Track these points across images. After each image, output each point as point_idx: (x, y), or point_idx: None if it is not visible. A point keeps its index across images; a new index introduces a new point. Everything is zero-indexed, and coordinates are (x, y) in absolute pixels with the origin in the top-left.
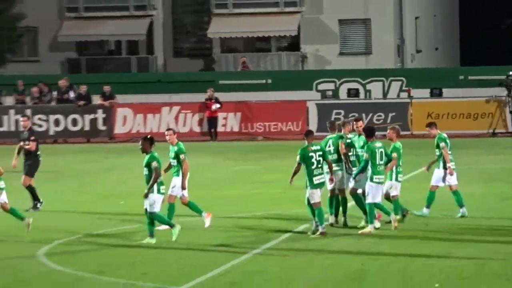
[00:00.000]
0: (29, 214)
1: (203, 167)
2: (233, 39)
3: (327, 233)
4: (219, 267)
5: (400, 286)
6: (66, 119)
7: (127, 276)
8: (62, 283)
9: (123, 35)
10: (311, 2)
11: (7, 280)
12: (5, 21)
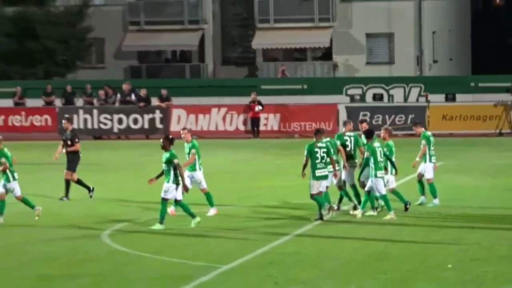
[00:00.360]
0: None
1: (246, 161)
2: (274, 50)
3: (323, 220)
4: (259, 249)
5: (418, 266)
6: (128, 118)
7: (179, 256)
8: (124, 262)
9: (178, 45)
10: (342, 17)
11: (78, 258)
12: (76, 33)
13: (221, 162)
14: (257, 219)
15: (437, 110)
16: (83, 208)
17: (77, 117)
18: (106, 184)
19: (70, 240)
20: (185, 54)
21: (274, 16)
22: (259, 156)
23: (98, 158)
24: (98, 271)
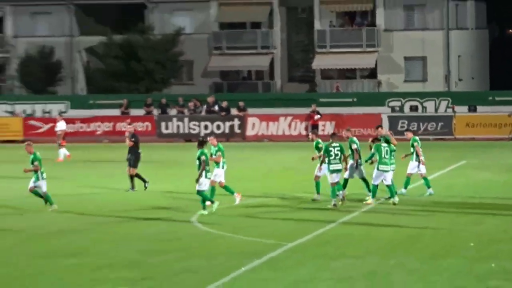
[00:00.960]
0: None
1: (307, 159)
2: (329, 70)
3: (338, 206)
4: (317, 231)
5: (445, 245)
6: (212, 124)
7: (252, 235)
8: (207, 239)
9: (252, 66)
10: (385, 44)
11: (170, 236)
12: (171, 56)
13: (287, 160)
14: (315, 206)
15: (461, 119)
16: (170, 198)
17: (171, 123)
18: (192, 176)
19: (163, 223)
20: (258, 73)
21: (330, 42)
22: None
23: (188, 157)
24: (187, 247)
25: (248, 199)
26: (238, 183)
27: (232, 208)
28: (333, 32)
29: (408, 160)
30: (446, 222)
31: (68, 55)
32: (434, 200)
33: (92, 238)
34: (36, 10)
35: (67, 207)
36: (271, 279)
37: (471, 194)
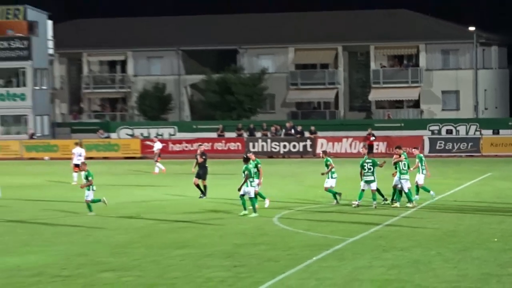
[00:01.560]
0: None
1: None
2: (382, 101)
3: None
4: (373, 228)
5: (475, 239)
6: (289, 144)
7: (322, 232)
8: (286, 235)
9: (321, 98)
10: (426, 80)
11: (257, 233)
12: (257, 90)
13: (349, 173)
14: (371, 208)
15: (487, 140)
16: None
17: (257, 143)
18: (274, 185)
19: (251, 221)
20: (326, 104)
21: (383, 79)
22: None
23: (270, 170)
24: (270, 241)
25: (319, 203)
26: (311, 190)
27: (306, 211)
28: (385, 71)
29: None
30: (475, 221)
31: (176, 90)
32: (465, 204)
33: (195, 234)
34: (151, 54)
35: (174, 209)
36: (336, 267)
37: (495, 199)
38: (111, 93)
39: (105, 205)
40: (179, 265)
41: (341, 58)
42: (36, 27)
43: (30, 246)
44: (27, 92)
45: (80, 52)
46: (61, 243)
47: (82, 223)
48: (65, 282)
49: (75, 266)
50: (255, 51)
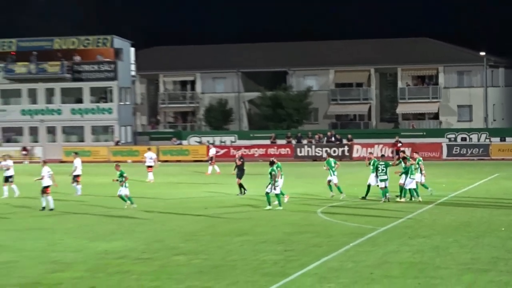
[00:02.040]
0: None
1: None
2: (408, 114)
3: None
4: (400, 219)
5: (486, 229)
6: (331, 149)
7: (358, 222)
8: (328, 225)
9: (357, 111)
10: (444, 96)
11: (304, 223)
12: (303, 105)
13: None
14: (399, 203)
15: (495, 146)
16: (304, 198)
17: (304, 149)
18: (318, 184)
19: (300, 214)
20: (360, 116)
21: (408, 96)
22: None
23: (314, 171)
24: (315, 230)
25: (355, 198)
26: (348, 188)
27: (344, 206)
28: (410, 89)
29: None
30: (486, 214)
31: (236, 104)
32: (477, 199)
33: (251, 224)
34: (216, 75)
35: (232, 203)
36: (370, 251)
37: (502, 195)
38: (182, 107)
39: (132, 206)
40: (239, 249)
41: (373, 78)
42: (121, 53)
43: (115, 234)
44: (113, 107)
45: (157, 73)
46: (141, 232)
47: (157, 215)
48: (144, 263)
49: (153, 251)
50: (301, 73)
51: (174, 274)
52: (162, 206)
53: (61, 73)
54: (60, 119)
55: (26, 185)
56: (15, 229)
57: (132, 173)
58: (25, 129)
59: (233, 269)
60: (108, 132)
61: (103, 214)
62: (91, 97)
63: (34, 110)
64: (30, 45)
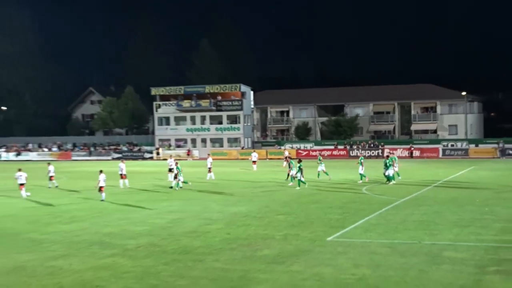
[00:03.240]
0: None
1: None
2: (417, 130)
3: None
4: (415, 193)
5: (467, 200)
6: (370, 151)
7: (387, 195)
8: (367, 198)
9: (386, 129)
10: (440, 119)
11: (353, 196)
12: (353, 125)
13: (399, 167)
14: (410, 184)
15: (472, 150)
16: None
17: (353, 151)
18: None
19: (351, 191)
20: (388, 132)
21: (418, 119)
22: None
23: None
24: (358, 202)
25: (386, 181)
26: (382, 174)
27: (379, 186)
28: (419, 115)
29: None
30: (467, 192)
31: (313, 125)
32: (461, 183)
33: (322, 197)
34: (301, 107)
35: (309, 184)
36: (395, 214)
37: (477, 180)
38: (281, 126)
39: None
40: (315, 212)
41: (396, 108)
42: (245, 94)
43: (240, 202)
44: (240, 127)
45: (266, 106)
46: (256, 201)
47: (264, 191)
48: (258, 220)
49: (263, 212)
50: (353, 105)
51: (277, 226)
52: (267, 185)
53: (209, 107)
54: (208, 134)
55: (188, 173)
56: (183, 199)
57: (248, 166)
58: (188, 140)
59: (312, 223)
60: (237, 141)
61: (223, 193)
62: (227, 121)
63: (194, 128)
64: (191, 90)
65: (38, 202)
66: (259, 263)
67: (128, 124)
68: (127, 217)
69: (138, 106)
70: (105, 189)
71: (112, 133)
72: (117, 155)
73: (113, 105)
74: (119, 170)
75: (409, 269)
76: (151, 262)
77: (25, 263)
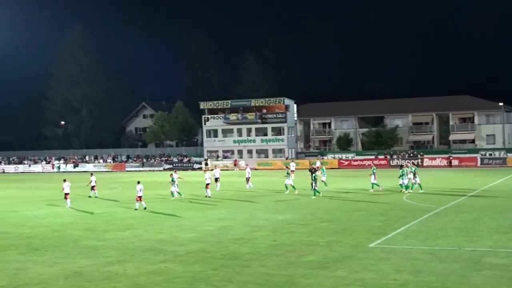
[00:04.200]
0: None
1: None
2: (456, 140)
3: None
4: (453, 201)
5: (505, 207)
6: (410, 161)
7: (427, 203)
8: (408, 205)
9: (425, 139)
10: (478, 129)
11: (394, 204)
12: (393, 136)
13: (438, 175)
14: (449, 192)
15: (510, 158)
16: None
17: (394, 160)
18: None
19: (391, 198)
20: (427, 142)
21: (456, 129)
22: (456, 173)
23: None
24: (399, 209)
25: (425, 190)
26: (422, 183)
27: (419, 193)
28: (457, 125)
29: None
30: (505, 199)
31: (354, 135)
32: (499, 191)
33: (363, 205)
34: (343, 119)
35: (354, 193)
36: (435, 221)
37: None
38: (323, 138)
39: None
40: (358, 219)
41: (435, 119)
42: (289, 107)
43: (286, 210)
44: (284, 138)
45: (309, 119)
46: (301, 209)
47: (308, 199)
48: (303, 227)
49: (307, 220)
50: (392, 116)
51: (320, 233)
52: (310, 193)
53: (255, 119)
54: (254, 145)
55: (233, 182)
56: (230, 207)
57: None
58: (235, 151)
59: (354, 230)
60: (281, 152)
61: (277, 199)
62: (272, 132)
63: (240, 140)
64: (238, 104)
65: (93, 210)
66: (303, 268)
67: (178, 136)
68: (178, 224)
69: (188, 119)
70: (158, 198)
71: (163, 145)
72: (168, 166)
73: (164, 119)
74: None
75: (450, 275)
76: (200, 267)
77: (83, 268)
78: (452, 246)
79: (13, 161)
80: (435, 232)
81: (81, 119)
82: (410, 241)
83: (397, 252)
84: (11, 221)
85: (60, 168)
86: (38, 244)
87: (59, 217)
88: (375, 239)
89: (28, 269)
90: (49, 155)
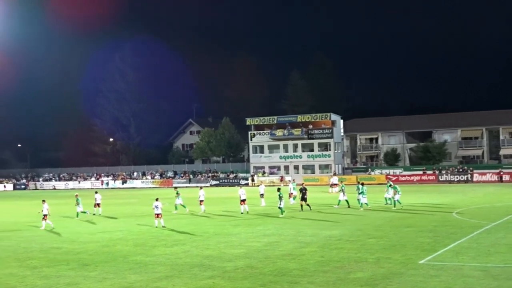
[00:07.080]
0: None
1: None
2: (507, 154)
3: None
4: (504, 218)
5: None
6: (459, 176)
7: (477, 219)
8: (459, 221)
9: (474, 154)
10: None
11: (443, 220)
12: (442, 151)
13: (489, 190)
14: (509, 206)
15: None
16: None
17: (442, 176)
18: (451, 197)
19: (441, 214)
20: (477, 157)
21: (506, 144)
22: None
23: (449, 189)
24: (452, 224)
25: (476, 205)
26: (471, 199)
27: (469, 209)
28: (508, 139)
29: None
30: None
31: (402, 151)
32: None
33: (414, 221)
34: (390, 133)
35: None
36: (486, 237)
37: None
38: (370, 153)
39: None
40: (406, 235)
41: (484, 134)
42: (335, 122)
43: (334, 226)
44: (331, 154)
45: (355, 134)
46: (348, 225)
47: (356, 214)
48: (351, 243)
49: (355, 236)
50: (441, 131)
51: (369, 249)
52: (357, 207)
53: (301, 135)
54: (301, 161)
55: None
56: (277, 223)
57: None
58: (281, 166)
59: (404, 247)
60: (328, 168)
61: (324, 215)
62: (318, 148)
63: (287, 156)
64: (284, 119)
65: (144, 225)
66: (352, 285)
67: (224, 152)
68: (225, 240)
69: (234, 135)
70: (204, 214)
71: (210, 161)
72: (215, 181)
73: (211, 135)
74: (240, 196)
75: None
76: (248, 283)
77: (132, 284)
78: (505, 263)
79: (63, 178)
80: (486, 249)
81: (129, 135)
82: (461, 257)
83: (447, 269)
84: (63, 236)
85: (108, 184)
86: (88, 259)
87: (109, 232)
88: (425, 256)
89: (78, 284)
90: (98, 172)
